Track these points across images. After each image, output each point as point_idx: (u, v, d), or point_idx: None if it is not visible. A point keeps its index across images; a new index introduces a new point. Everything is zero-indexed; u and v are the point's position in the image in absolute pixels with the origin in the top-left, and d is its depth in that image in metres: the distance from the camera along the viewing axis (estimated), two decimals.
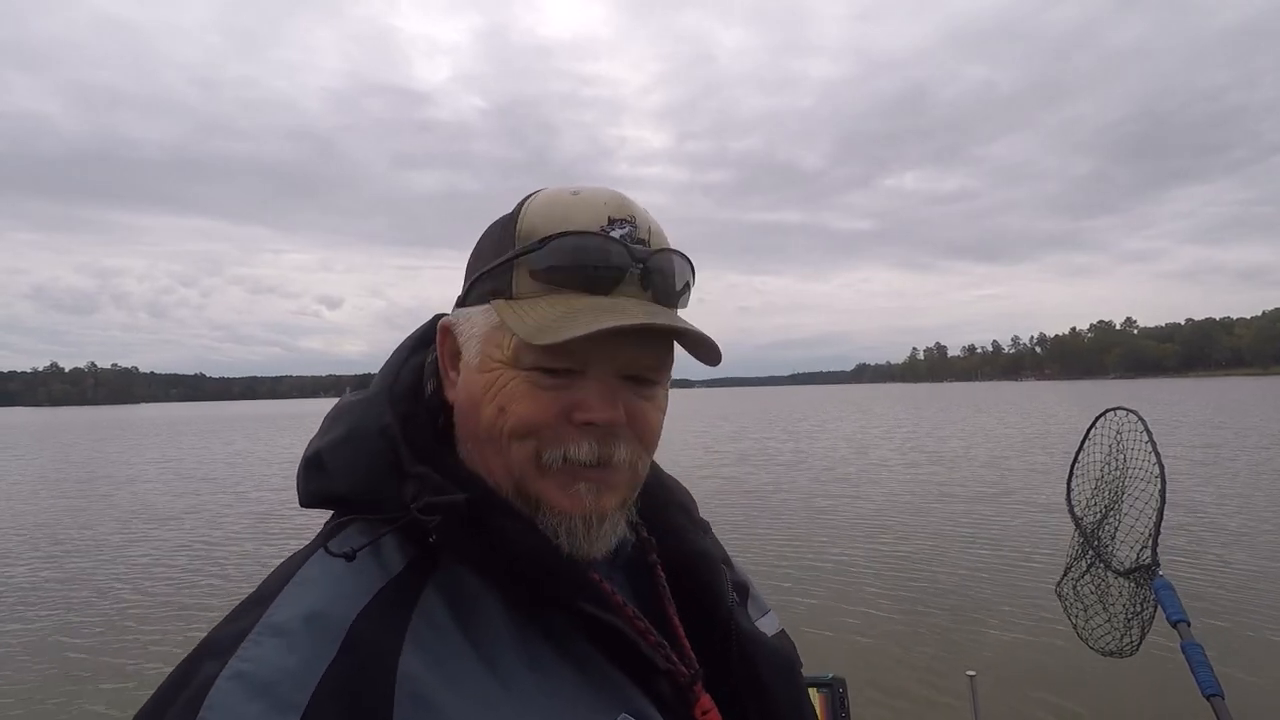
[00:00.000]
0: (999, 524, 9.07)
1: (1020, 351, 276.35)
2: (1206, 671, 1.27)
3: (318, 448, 0.59)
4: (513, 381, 0.55)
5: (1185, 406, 34.49)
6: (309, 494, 0.59)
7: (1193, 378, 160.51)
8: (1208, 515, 9.08)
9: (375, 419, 0.58)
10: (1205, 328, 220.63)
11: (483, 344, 0.57)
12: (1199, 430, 20.76)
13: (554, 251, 0.55)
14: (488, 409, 0.56)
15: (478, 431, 0.57)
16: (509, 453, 0.56)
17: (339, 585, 0.51)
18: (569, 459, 0.55)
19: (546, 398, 0.55)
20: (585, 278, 0.55)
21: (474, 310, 0.59)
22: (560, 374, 0.55)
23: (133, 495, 14.26)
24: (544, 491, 0.56)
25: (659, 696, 0.56)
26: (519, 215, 0.58)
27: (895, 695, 4.38)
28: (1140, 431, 1.58)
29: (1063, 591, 1.68)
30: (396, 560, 0.54)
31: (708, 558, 0.69)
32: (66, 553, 9.01)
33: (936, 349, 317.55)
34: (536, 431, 0.55)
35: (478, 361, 0.58)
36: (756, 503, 11.11)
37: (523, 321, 0.54)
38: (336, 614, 0.49)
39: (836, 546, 8.15)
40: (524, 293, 0.56)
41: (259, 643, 0.47)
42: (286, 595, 0.50)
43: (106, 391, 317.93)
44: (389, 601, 0.51)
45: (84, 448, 28.78)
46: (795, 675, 0.71)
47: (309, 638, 0.47)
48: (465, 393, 0.59)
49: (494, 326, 0.57)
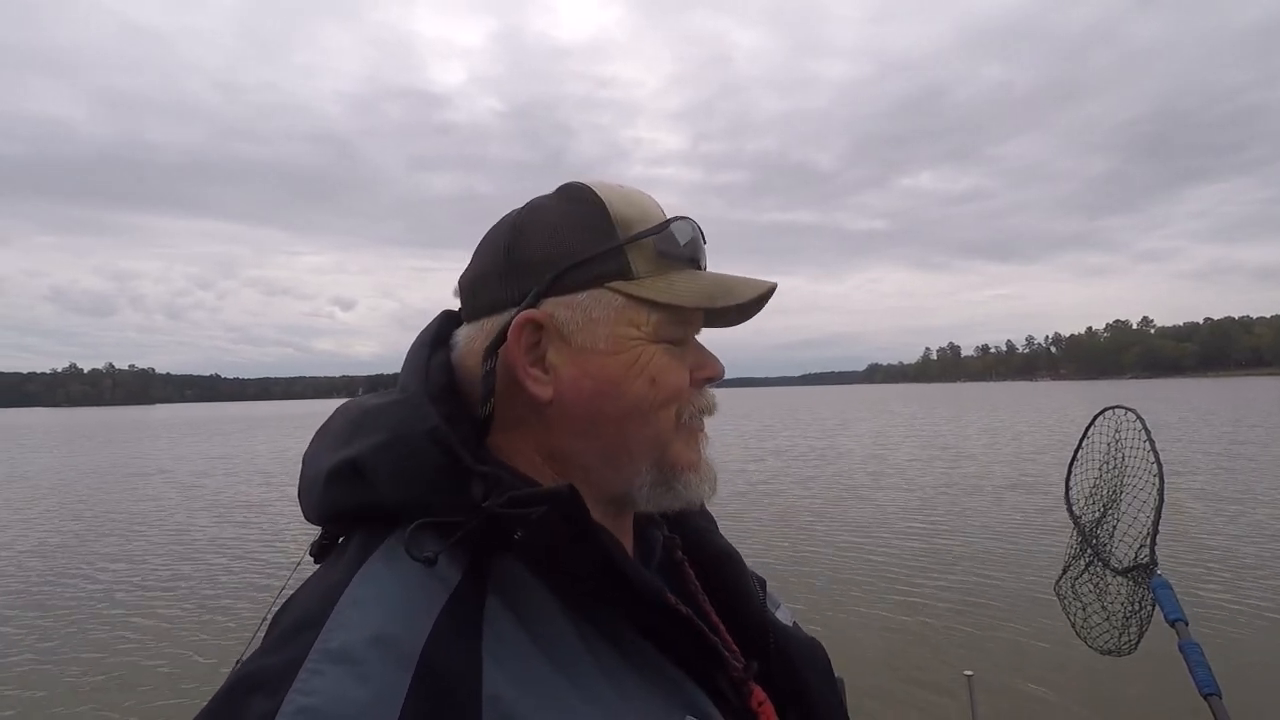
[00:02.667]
0: (997, 523, 9.01)
1: (1035, 352, 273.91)
2: (1204, 671, 1.26)
3: (350, 456, 0.54)
4: (657, 354, 0.58)
5: (1204, 406, 34.04)
6: (339, 507, 0.54)
7: (1212, 377, 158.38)
8: (1208, 515, 9.01)
9: (420, 422, 0.53)
10: (1224, 327, 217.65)
11: (613, 325, 0.57)
12: (1198, 430, 20.53)
13: (678, 231, 0.59)
14: (636, 384, 0.57)
15: (617, 412, 0.57)
16: (657, 422, 0.58)
17: (401, 603, 0.46)
18: (703, 413, 0.62)
19: (680, 364, 0.60)
20: (692, 255, 0.61)
21: (580, 296, 0.57)
22: (680, 343, 0.60)
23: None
24: (681, 453, 0.60)
25: (720, 694, 0.56)
26: (605, 204, 0.59)
27: (893, 695, 4.36)
28: (1139, 430, 1.57)
29: (1061, 590, 1.67)
30: (451, 571, 0.49)
31: (730, 555, 0.70)
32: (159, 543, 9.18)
33: (950, 349, 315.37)
34: (680, 395, 0.59)
35: (608, 344, 0.57)
36: (756, 501, 11.10)
37: (677, 293, 0.58)
38: (406, 636, 0.44)
39: (834, 545, 8.13)
40: (644, 272, 0.58)
41: (320, 672, 0.42)
42: (341, 617, 0.45)
43: (123, 392, 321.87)
44: (457, 618, 0.47)
45: (147, 443, 29.17)
46: (829, 670, 0.72)
47: (380, 665, 0.42)
48: (593, 378, 0.57)
49: (621, 306, 0.57)
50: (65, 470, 20.28)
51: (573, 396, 0.57)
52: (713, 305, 0.59)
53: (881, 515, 9.84)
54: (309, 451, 0.61)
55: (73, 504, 13.44)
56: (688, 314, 0.59)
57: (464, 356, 0.60)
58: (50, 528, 10.96)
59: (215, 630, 5.91)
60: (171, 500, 13.48)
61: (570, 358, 0.57)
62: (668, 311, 0.58)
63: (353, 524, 0.54)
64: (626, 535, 0.62)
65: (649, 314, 0.58)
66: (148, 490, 15.09)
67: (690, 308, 0.58)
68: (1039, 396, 63.46)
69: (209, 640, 5.67)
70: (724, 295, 0.59)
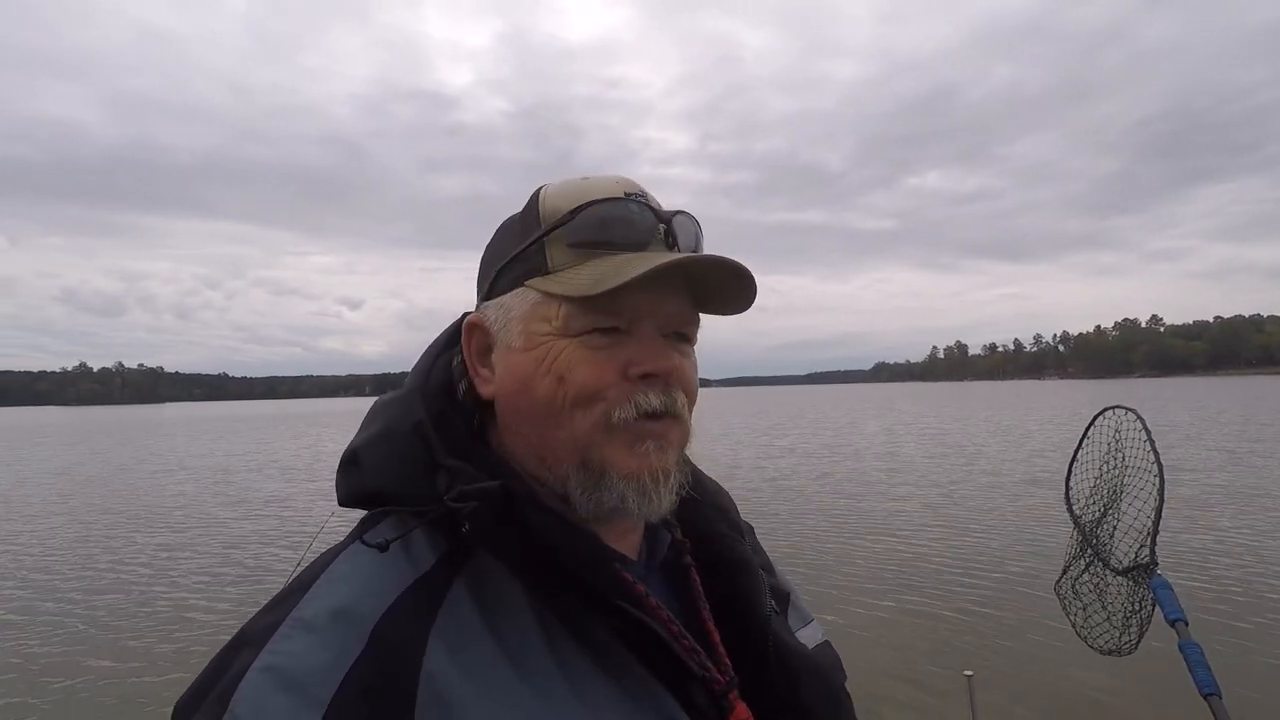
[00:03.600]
0: (998, 523, 8.98)
1: (1043, 350, 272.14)
2: (1204, 670, 1.26)
3: (355, 446, 0.59)
4: (567, 349, 0.55)
5: (1213, 405, 33.77)
6: (347, 493, 0.59)
7: (1222, 376, 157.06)
8: (1210, 514, 8.95)
9: (408, 416, 0.58)
10: (1234, 325, 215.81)
11: (525, 322, 0.57)
12: (1204, 428, 20.36)
13: (588, 218, 0.56)
14: (544, 383, 0.56)
15: (533, 412, 0.56)
16: (573, 423, 0.55)
17: (368, 581, 0.51)
18: (640, 410, 0.55)
19: (603, 357, 0.55)
20: (619, 239, 0.56)
21: (506, 297, 0.59)
22: (610, 333, 0.56)
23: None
24: (611, 456, 0.55)
25: (693, 705, 0.54)
26: (539, 201, 0.59)
27: (893, 695, 4.35)
28: (1139, 430, 1.57)
29: (1061, 590, 1.68)
30: (428, 556, 0.53)
31: (745, 563, 0.67)
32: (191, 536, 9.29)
33: (957, 348, 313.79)
34: (601, 393, 0.55)
35: (522, 341, 0.57)
36: (758, 500, 11.08)
37: (573, 283, 0.55)
38: (364, 610, 0.49)
39: (833, 545, 8.12)
40: (561, 264, 0.57)
41: (289, 636, 0.48)
42: (318, 590, 0.51)
43: (132, 391, 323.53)
44: (416, 598, 0.50)
45: (164, 441, 29.47)
46: (837, 691, 0.68)
47: (336, 634, 0.47)
48: (511, 377, 0.58)
49: (535, 302, 0.57)
50: (97, 465, 20.85)
51: (502, 396, 0.59)
52: (595, 291, 0.53)
53: (881, 514, 9.81)
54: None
55: (114, 496, 13.99)
56: (613, 303, 0.55)
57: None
58: (95, 519, 11.37)
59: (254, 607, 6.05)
60: (200, 493, 13.97)
61: (500, 357, 0.60)
62: (576, 304, 0.55)
63: (375, 507, 0.58)
64: (626, 535, 0.61)
65: (559, 307, 0.56)
66: (177, 484, 15.59)
67: (578, 297, 0.55)
68: (1047, 395, 63.09)
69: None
70: (612, 278, 0.53)
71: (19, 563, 8.49)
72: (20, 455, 25.83)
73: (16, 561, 8.57)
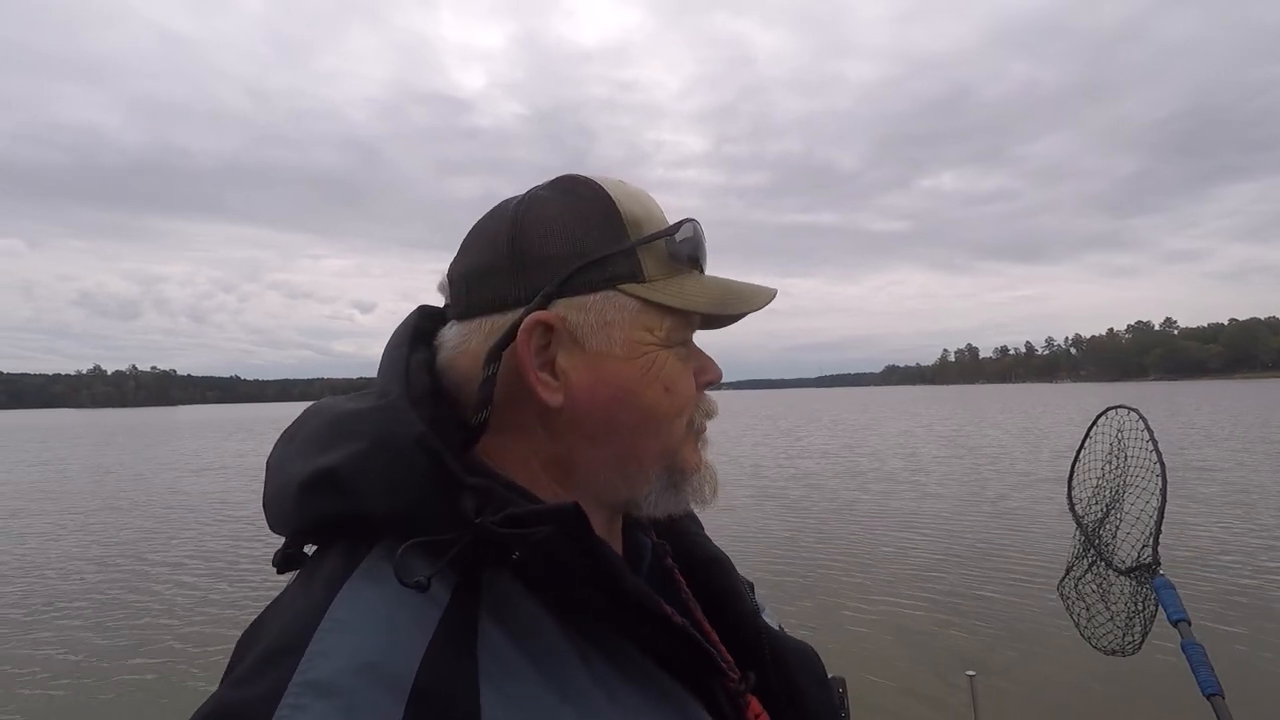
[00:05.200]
0: (1000, 523, 8.95)
1: (1055, 353, 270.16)
2: (1207, 671, 1.26)
3: (329, 465, 0.49)
4: (670, 360, 0.57)
5: (1225, 408, 33.39)
6: (314, 518, 0.50)
7: (1240, 379, 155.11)
8: (1213, 515, 8.90)
9: (405, 428, 0.49)
10: (1250, 328, 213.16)
11: (628, 330, 0.55)
12: (1212, 431, 20.13)
13: (686, 234, 0.58)
14: (651, 391, 0.56)
15: (633, 421, 0.55)
16: (672, 429, 0.57)
17: (388, 628, 0.42)
18: (707, 417, 0.61)
19: (689, 370, 0.59)
20: (699, 257, 0.59)
21: (592, 299, 0.54)
22: (684, 347, 0.59)
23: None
24: (689, 458, 0.59)
25: (715, 703, 0.55)
26: (615, 204, 0.56)
27: (895, 695, 4.34)
28: (1141, 430, 1.57)
29: (1064, 590, 1.67)
30: (440, 589, 0.46)
31: (721, 561, 0.69)
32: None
33: (968, 351, 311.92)
34: (691, 402, 0.59)
35: (623, 349, 0.55)
36: (759, 499, 11.06)
37: (690, 298, 0.57)
38: (397, 665, 0.41)
39: (835, 545, 8.10)
40: (654, 275, 0.56)
41: (303, 707, 0.38)
42: (322, 644, 0.41)
43: (145, 393, 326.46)
44: (450, 642, 0.43)
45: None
46: (823, 674, 0.70)
47: (369, 696, 0.39)
48: (607, 384, 0.54)
49: (636, 310, 0.55)
50: (136, 465, 21.38)
51: (586, 403, 0.54)
52: (725, 312, 0.58)
53: (882, 515, 9.79)
54: (274, 457, 0.55)
55: (161, 494, 14.44)
56: (693, 318, 0.59)
57: (456, 358, 0.55)
58: (151, 514, 11.87)
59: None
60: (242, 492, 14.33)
61: (583, 363, 0.54)
62: (679, 316, 0.57)
63: (328, 535, 0.50)
64: (617, 541, 0.61)
65: (662, 319, 0.56)
66: (221, 483, 16.03)
67: (698, 313, 0.58)
68: (1059, 398, 62.56)
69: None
70: (736, 302, 0.59)
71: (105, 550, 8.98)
72: (59, 455, 26.49)
73: (105, 549, 9.08)
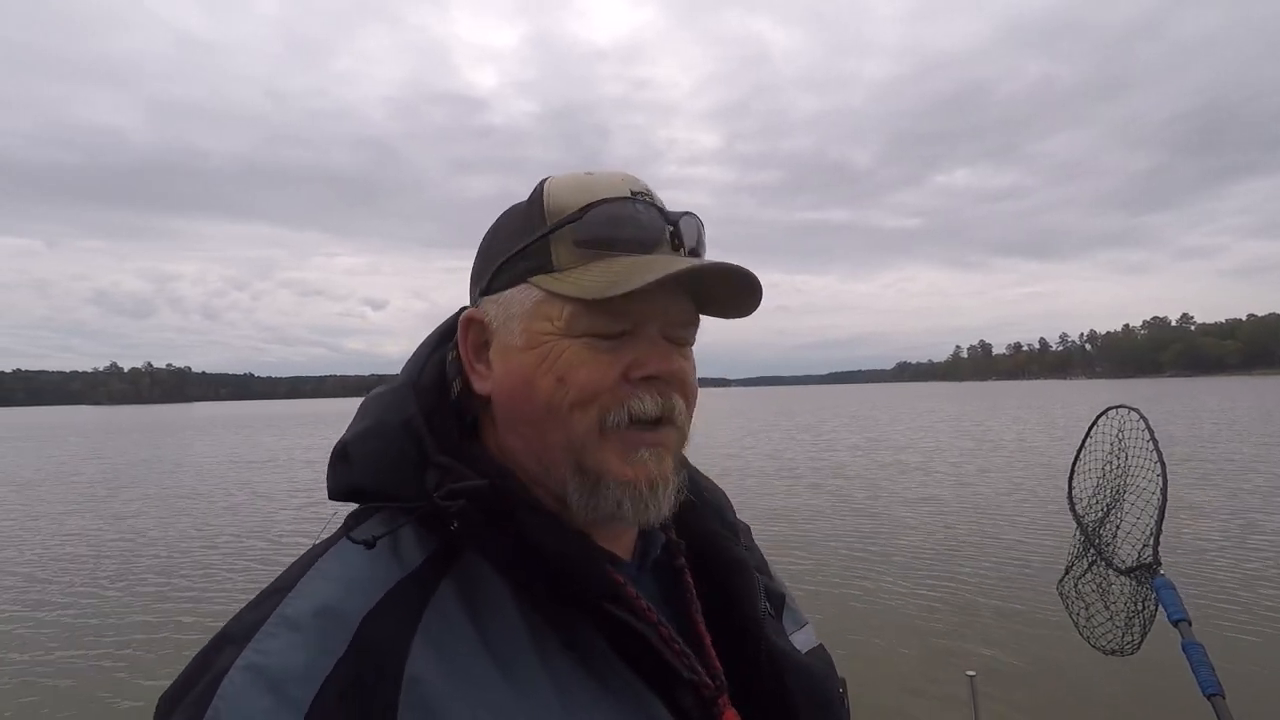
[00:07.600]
0: (1000, 522, 8.91)
1: (1069, 349, 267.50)
2: (1207, 671, 1.26)
3: (345, 441, 0.58)
4: (569, 350, 0.55)
5: (1241, 405, 32.95)
6: (335, 487, 0.58)
7: (1259, 375, 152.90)
8: (1211, 515, 8.82)
9: (399, 411, 0.58)
10: (1269, 324, 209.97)
11: (528, 321, 0.56)
12: (1218, 430, 19.89)
13: (596, 218, 0.55)
14: (544, 382, 0.55)
15: (531, 411, 0.56)
16: (570, 424, 0.55)
17: (354, 579, 0.50)
18: (634, 416, 0.55)
19: (606, 360, 0.55)
20: (627, 241, 0.56)
21: (508, 293, 0.58)
22: (613, 337, 0.55)
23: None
24: (606, 462, 0.55)
25: (681, 709, 0.54)
26: (543, 196, 0.58)
27: (895, 696, 4.34)
28: (1142, 430, 1.56)
29: (1064, 590, 1.67)
30: (415, 554, 0.53)
31: (740, 565, 0.66)
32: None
33: (980, 347, 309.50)
34: (599, 395, 0.54)
35: (523, 340, 0.56)
36: (759, 499, 11.06)
37: (581, 284, 0.54)
38: (348, 610, 0.48)
39: (836, 546, 8.08)
40: (566, 263, 0.56)
41: (273, 635, 0.47)
42: (303, 587, 0.50)
43: (160, 391, 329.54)
44: (402, 598, 0.50)
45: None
46: (829, 697, 0.66)
47: (319, 633, 0.47)
48: (511, 375, 0.57)
49: (539, 301, 0.56)
50: (173, 460, 21.88)
51: (503, 395, 0.58)
52: (608, 294, 0.53)
53: (882, 514, 9.76)
54: None
55: (206, 488, 14.87)
56: (621, 306, 0.54)
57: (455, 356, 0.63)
58: (204, 506, 12.33)
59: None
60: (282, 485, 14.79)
61: (499, 356, 0.59)
62: (582, 305, 0.54)
63: (364, 503, 0.58)
64: (620, 536, 0.61)
65: (562, 307, 0.55)
66: (270, 476, 16.55)
67: (588, 299, 0.54)
68: (1072, 395, 61.99)
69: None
70: (624, 282, 0.53)
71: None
72: (101, 451, 26.95)
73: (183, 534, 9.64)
